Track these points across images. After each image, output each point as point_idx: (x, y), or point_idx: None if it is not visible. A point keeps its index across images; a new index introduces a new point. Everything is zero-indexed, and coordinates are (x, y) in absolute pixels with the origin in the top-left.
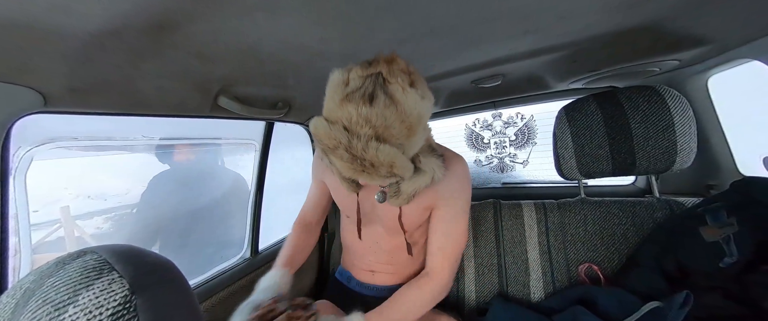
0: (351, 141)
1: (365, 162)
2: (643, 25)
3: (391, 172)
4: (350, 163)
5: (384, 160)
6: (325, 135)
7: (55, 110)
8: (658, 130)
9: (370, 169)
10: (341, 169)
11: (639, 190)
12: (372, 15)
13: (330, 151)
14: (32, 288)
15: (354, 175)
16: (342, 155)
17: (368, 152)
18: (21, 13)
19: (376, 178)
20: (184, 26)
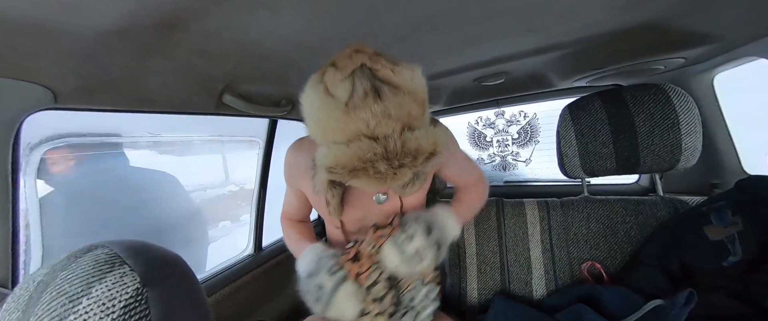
0: (387, 146)
1: (406, 158)
2: (648, 23)
3: (434, 153)
4: (382, 174)
5: (426, 145)
6: (351, 158)
7: (65, 107)
8: (663, 129)
9: (410, 163)
10: (366, 185)
11: (643, 189)
12: (374, 12)
13: (357, 173)
14: (46, 281)
15: (380, 185)
16: (378, 168)
17: (408, 144)
18: (32, 11)
19: (408, 174)
20: (189, 24)
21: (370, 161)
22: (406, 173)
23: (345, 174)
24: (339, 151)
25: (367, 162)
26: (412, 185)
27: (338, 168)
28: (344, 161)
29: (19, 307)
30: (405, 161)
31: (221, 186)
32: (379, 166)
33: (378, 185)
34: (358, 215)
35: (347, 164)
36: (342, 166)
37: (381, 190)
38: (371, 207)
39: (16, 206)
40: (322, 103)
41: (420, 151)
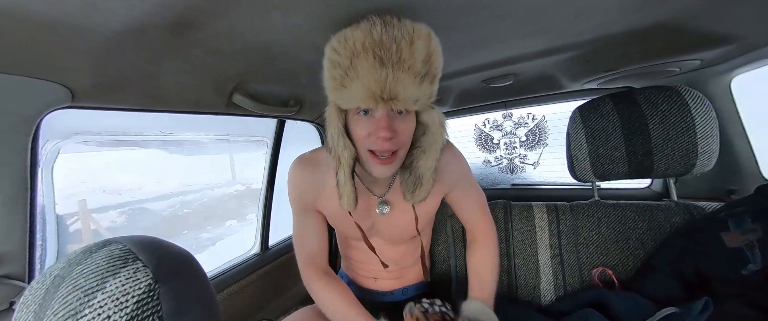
0: (385, 19)
1: (402, 41)
2: (662, 23)
3: (429, 62)
4: (381, 67)
5: (420, 29)
6: (353, 30)
7: (82, 105)
8: (677, 132)
9: (407, 53)
10: (363, 91)
11: (655, 194)
12: (384, 14)
13: (357, 58)
14: (62, 275)
15: (378, 97)
16: (377, 44)
17: (404, 23)
18: (51, 11)
19: (408, 85)
20: (202, 24)
21: (370, 34)
22: (405, 83)
23: (346, 61)
24: (345, 31)
25: (367, 34)
26: (418, 187)
27: (340, 49)
28: (346, 35)
29: (36, 300)
30: (402, 45)
31: (228, 185)
32: (378, 46)
33: (377, 98)
34: (366, 225)
35: (349, 39)
36: (343, 45)
37: (384, 130)
38: (378, 218)
39: (35, 202)
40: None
41: (416, 32)
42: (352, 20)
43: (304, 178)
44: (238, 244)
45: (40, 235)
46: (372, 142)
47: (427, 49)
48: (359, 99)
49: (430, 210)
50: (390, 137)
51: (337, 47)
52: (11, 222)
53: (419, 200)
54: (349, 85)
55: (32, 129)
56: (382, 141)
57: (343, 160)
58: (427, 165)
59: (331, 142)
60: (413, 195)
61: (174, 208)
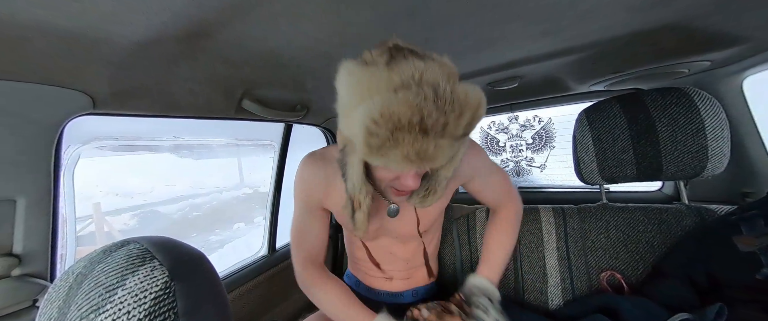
0: (437, 90)
1: (452, 113)
2: (671, 24)
3: (475, 117)
4: (423, 138)
5: (473, 98)
6: (399, 104)
7: (102, 112)
8: (687, 134)
9: (453, 123)
10: (400, 159)
11: (666, 197)
12: (390, 19)
13: (399, 131)
14: (84, 273)
15: (415, 161)
16: (426, 118)
17: (457, 92)
18: (75, 23)
19: (445, 149)
20: (214, 33)
21: (420, 111)
22: (444, 148)
23: (386, 134)
24: (385, 99)
25: (415, 110)
26: (431, 193)
27: (381, 122)
28: (391, 110)
29: (60, 296)
30: (451, 118)
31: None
32: (426, 120)
33: (414, 163)
34: (374, 227)
35: (393, 114)
36: (387, 119)
37: (413, 178)
38: (386, 217)
39: (57, 204)
40: (362, 68)
41: (468, 102)
42: (358, 28)
43: (314, 175)
44: (246, 247)
45: (61, 237)
46: (396, 184)
47: (473, 117)
48: (395, 164)
49: (439, 207)
50: (418, 185)
51: (378, 120)
52: (35, 224)
53: (427, 205)
54: (386, 154)
55: (56, 135)
56: (409, 187)
57: (364, 204)
58: (445, 174)
59: (350, 189)
60: (423, 201)
61: (184, 211)
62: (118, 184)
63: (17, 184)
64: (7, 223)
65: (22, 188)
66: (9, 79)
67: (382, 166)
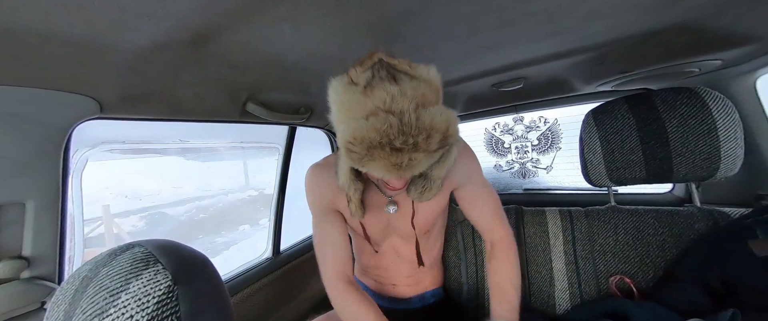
0: (402, 118)
1: (419, 136)
2: (680, 23)
3: (447, 136)
4: (396, 153)
5: (440, 122)
6: (368, 130)
7: (109, 116)
8: (698, 135)
9: (423, 143)
10: (382, 169)
11: (677, 199)
12: (392, 22)
13: (374, 149)
14: (89, 276)
15: (394, 170)
16: (394, 140)
17: (422, 119)
18: (83, 30)
19: (422, 161)
20: (218, 38)
21: (386, 135)
22: (420, 160)
23: (362, 151)
24: (358, 125)
25: (383, 135)
26: (427, 190)
27: (356, 142)
28: (362, 134)
29: (66, 299)
30: (419, 139)
31: (241, 190)
32: (394, 142)
33: (393, 171)
34: (381, 224)
35: (365, 138)
36: (360, 141)
37: (396, 180)
38: (392, 216)
39: (65, 207)
40: (345, 89)
41: (434, 127)
42: (360, 31)
43: (321, 180)
44: (251, 249)
45: (69, 239)
46: (386, 180)
47: (443, 135)
48: (377, 172)
49: (436, 206)
50: (404, 185)
51: (353, 141)
52: (44, 227)
53: (426, 200)
54: (367, 165)
55: (64, 139)
56: (397, 186)
57: (354, 198)
58: (439, 173)
59: (341, 185)
60: (421, 196)
61: (190, 213)
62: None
63: (26, 187)
64: (16, 226)
65: (31, 192)
66: (19, 84)
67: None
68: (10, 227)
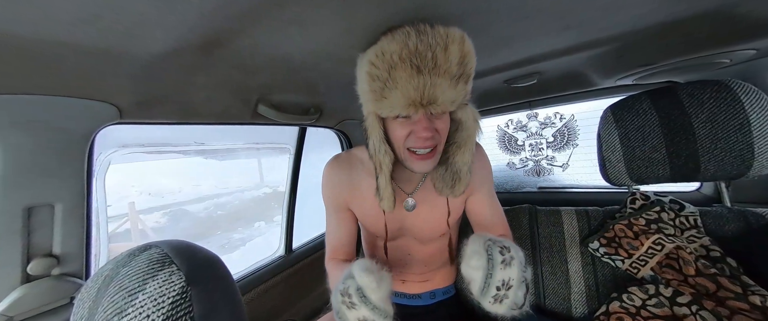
0: (418, 27)
1: (437, 47)
2: (708, 11)
3: (464, 55)
4: (418, 75)
5: (454, 34)
6: (389, 42)
7: (128, 121)
8: (728, 131)
9: (442, 57)
10: (402, 100)
11: (705, 198)
12: (399, 19)
13: (395, 70)
14: (111, 275)
15: (416, 102)
16: (413, 52)
17: (437, 29)
18: (102, 41)
19: (444, 89)
20: (229, 42)
21: (405, 45)
22: (442, 87)
23: (384, 72)
24: (381, 43)
25: (402, 45)
26: (458, 182)
27: (378, 60)
28: (383, 47)
29: (90, 296)
30: (437, 51)
31: (257, 188)
32: (414, 57)
33: (415, 104)
34: (396, 224)
35: (386, 51)
36: (381, 55)
37: (423, 128)
38: (408, 215)
39: (90, 208)
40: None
41: (449, 36)
42: (367, 30)
43: (338, 177)
44: (266, 245)
45: (94, 238)
46: (412, 140)
47: (461, 52)
48: (400, 107)
49: (459, 207)
50: (430, 135)
51: (375, 61)
52: (71, 227)
53: (459, 194)
54: (389, 96)
55: (88, 144)
56: (423, 140)
57: (384, 166)
58: (464, 160)
59: (371, 150)
60: (452, 189)
61: (209, 210)
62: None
63: (55, 190)
64: (46, 227)
65: (59, 194)
66: (44, 93)
67: (396, 122)
68: (42, 228)
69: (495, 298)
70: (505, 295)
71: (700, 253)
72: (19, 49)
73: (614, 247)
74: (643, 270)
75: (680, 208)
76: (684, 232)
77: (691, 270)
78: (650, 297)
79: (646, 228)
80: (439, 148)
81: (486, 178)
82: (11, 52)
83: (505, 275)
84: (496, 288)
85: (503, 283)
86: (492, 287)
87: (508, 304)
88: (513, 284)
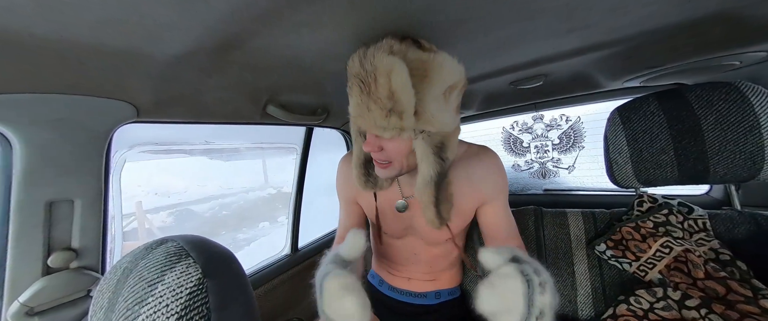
0: (365, 51)
1: (369, 77)
2: (719, 12)
3: (393, 99)
4: (364, 93)
5: (385, 63)
6: (351, 60)
7: (145, 120)
8: (738, 133)
9: (374, 90)
10: (353, 104)
11: (715, 201)
12: (408, 21)
13: (353, 82)
14: (129, 267)
15: (362, 115)
16: (357, 75)
17: (370, 61)
18: (123, 42)
19: (376, 111)
20: (242, 44)
21: (354, 62)
22: (376, 110)
23: (349, 83)
24: (351, 57)
25: (352, 64)
26: (444, 201)
27: (349, 74)
28: (349, 63)
29: (110, 288)
30: (369, 79)
31: (261, 189)
32: (359, 73)
33: (359, 106)
34: (401, 224)
35: (349, 65)
36: (347, 69)
37: (367, 128)
38: (416, 216)
39: (107, 204)
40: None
41: (378, 66)
42: (375, 31)
43: (347, 173)
44: (270, 245)
45: (110, 233)
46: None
47: (388, 87)
48: (353, 109)
49: (467, 215)
50: (375, 150)
51: (347, 73)
52: (89, 222)
53: (437, 226)
54: (351, 103)
55: (106, 142)
56: (372, 153)
57: (356, 158)
58: (418, 185)
59: (353, 136)
60: (427, 210)
61: (214, 210)
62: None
63: (75, 186)
64: (66, 221)
65: (78, 190)
66: (69, 92)
67: (361, 134)
68: (61, 222)
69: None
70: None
71: (710, 256)
72: (46, 49)
73: (621, 249)
74: (650, 273)
75: (689, 211)
76: (693, 235)
77: (700, 273)
78: (658, 300)
79: (654, 231)
80: (395, 165)
81: (501, 188)
82: (38, 53)
83: (543, 303)
84: (535, 318)
85: (541, 313)
86: (532, 318)
87: None
88: (546, 312)
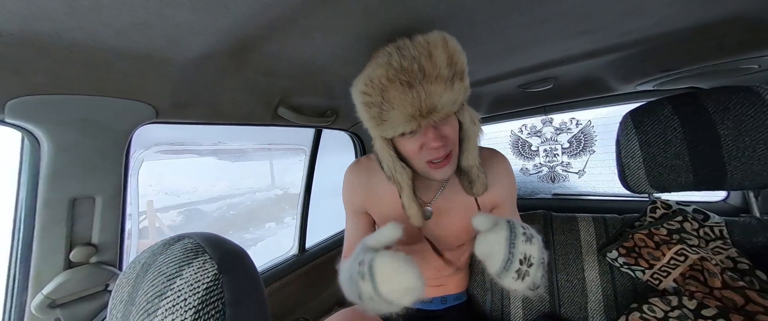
0: (398, 45)
1: (421, 57)
2: (734, 15)
3: (451, 55)
4: (409, 89)
5: (434, 38)
6: (374, 68)
7: (163, 121)
8: (757, 138)
9: (428, 64)
10: (402, 118)
11: (733, 208)
12: (418, 25)
13: (387, 91)
14: (148, 263)
15: (416, 115)
16: (399, 70)
17: (416, 40)
18: (146, 46)
19: (439, 92)
20: (257, 47)
21: (390, 66)
22: (436, 92)
23: (377, 97)
24: (367, 71)
25: (388, 67)
26: (476, 180)
27: (369, 88)
28: (370, 74)
29: (129, 282)
30: (422, 61)
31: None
32: (400, 74)
33: (416, 116)
34: (412, 230)
35: (373, 77)
36: (370, 82)
37: (433, 139)
38: (426, 224)
39: (126, 202)
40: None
41: (430, 42)
42: (386, 36)
43: (357, 181)
44: (276, 245)
45: (127, 230)
46: (426, 153)
47: (446, 54)
48: (402, 125)
49: (466, 230)
50: (442, 144)
51: (366, 89)
52: (109, 219)
53: (480, 193)
54: (389, 117)
55: (126, 141)
56: (436, 150)
57: (404, 184)
58: (468, 162)
59: (388, 172)
60: (472, 188)
61: (222, 210)
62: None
63: (97, 183)
64: (88, 218)
65: (100, 188)
66: (93, 94)
67: (404, 139)
68: (83, 218)
69: (518, 273)
70: (526, 272)
71: (727, 265)
72: (74, 53)
73: (634, 257)
74: (665, 281)
75: (705, 218)
76: (709, 243)
77: (717, 282)
78: (673, 309)
79: (668, 238)
80: (455, 152)
81: (511, 191)
82: (67, 57)
83: (526, 249)
84: (519, 261)
85: (525, 257)
86: (515, 261)
87: (528, 283)
88: (534, 261)
